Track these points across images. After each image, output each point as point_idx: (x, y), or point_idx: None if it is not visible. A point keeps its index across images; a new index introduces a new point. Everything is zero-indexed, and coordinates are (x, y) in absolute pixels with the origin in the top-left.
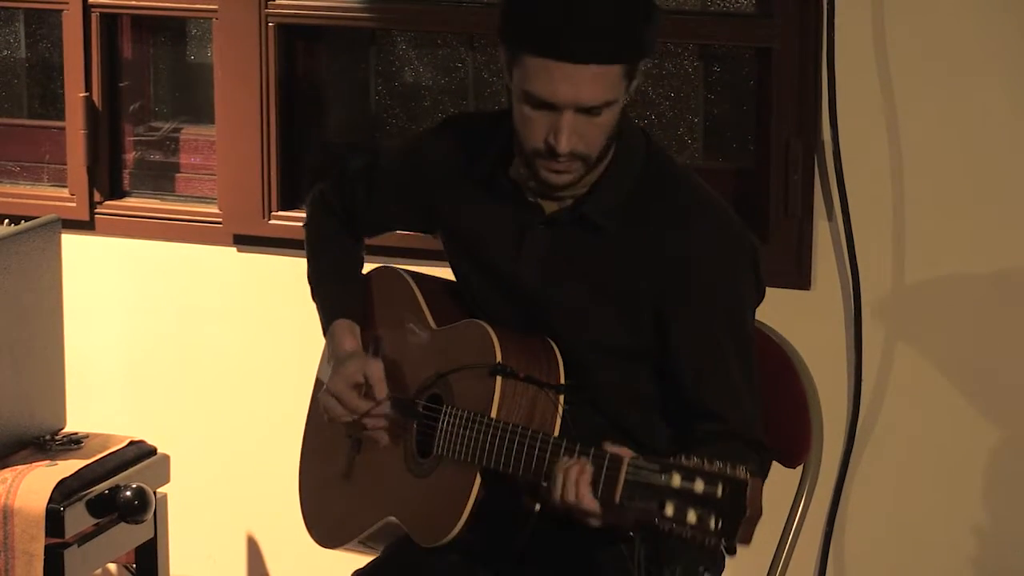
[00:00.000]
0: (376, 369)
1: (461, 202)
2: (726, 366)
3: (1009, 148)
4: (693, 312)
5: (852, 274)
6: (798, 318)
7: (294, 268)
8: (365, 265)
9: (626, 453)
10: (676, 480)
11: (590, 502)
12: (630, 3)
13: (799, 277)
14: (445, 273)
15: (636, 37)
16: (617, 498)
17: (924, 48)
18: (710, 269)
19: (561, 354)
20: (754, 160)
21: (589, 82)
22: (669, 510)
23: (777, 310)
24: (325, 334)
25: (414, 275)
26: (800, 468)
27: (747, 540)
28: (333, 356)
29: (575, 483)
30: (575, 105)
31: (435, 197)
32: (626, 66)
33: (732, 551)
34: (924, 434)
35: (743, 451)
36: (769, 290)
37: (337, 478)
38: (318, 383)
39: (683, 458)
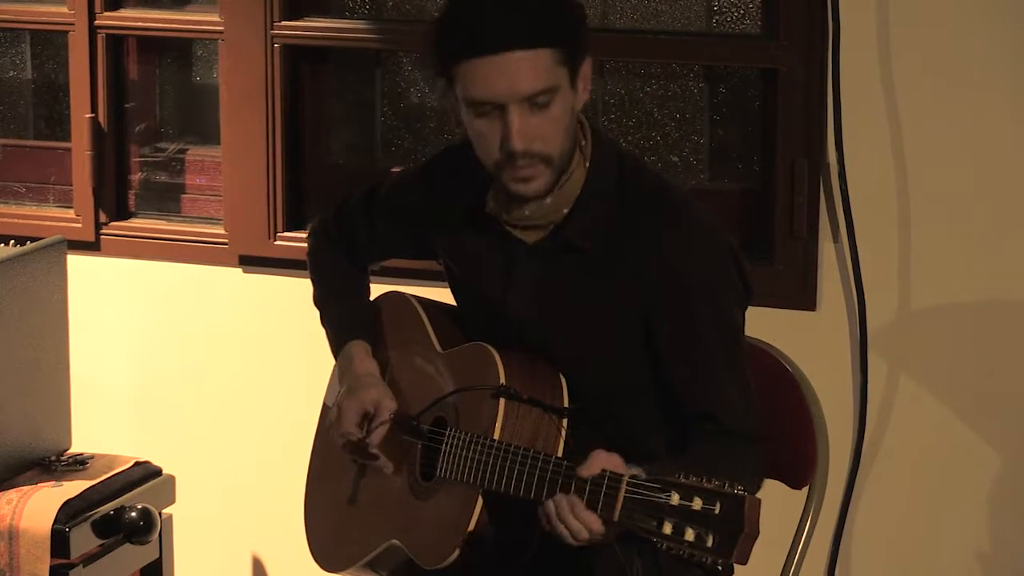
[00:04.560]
0: (388, 406)
1: (452, 234)
2: (714, 366)
3: (1017, 169)
4: (677, 317)
5: (857, 295)
6: (803, 339)
7: (300, 289)
8: (371, 288)
9: (616, 464)
10: (675, 498)
11: (595, 522)
12: None
13: (804, 298)
14: (449, 295)
15: (553, 19)
16: (616, 516)
17: (930, 69)
18: (688, 273)
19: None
20: (760, 181)
21: (521, 69)
22: (667, 528)
23: (782, 331)
24: (336, 355)
25: (421, 300)
26: (805, 489)
27: (743, 560)
28: (347, 376)
29: (570, 511)
30: (516, 96)
31: (429, 229)
32: (556, 51)
33: (729, 570)
34: (929, 455)
35: (740, 447)
36: (774, 311)
37: (342, 502)
38: (325, 408)
39: (682, 476)
